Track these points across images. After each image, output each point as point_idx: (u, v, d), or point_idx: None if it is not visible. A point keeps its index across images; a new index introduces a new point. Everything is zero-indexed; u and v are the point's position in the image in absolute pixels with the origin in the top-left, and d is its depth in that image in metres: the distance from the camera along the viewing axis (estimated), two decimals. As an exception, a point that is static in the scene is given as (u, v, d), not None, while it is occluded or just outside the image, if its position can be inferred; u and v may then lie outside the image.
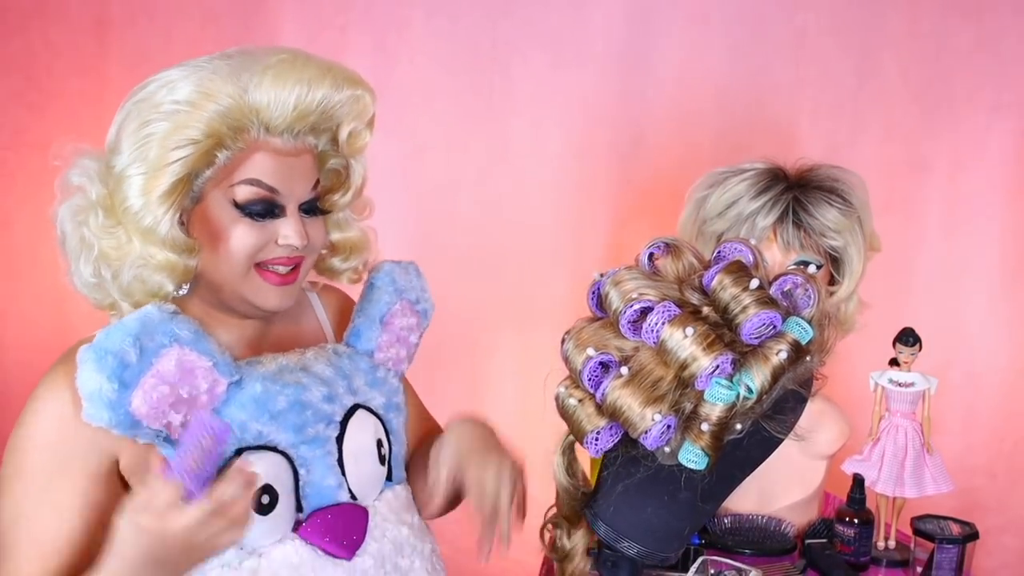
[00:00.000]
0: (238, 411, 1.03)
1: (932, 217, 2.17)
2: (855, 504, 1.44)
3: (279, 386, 1.07)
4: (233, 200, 1.05)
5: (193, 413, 0.99)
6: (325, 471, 1.09)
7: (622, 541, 0.98)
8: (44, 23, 2.27)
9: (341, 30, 2.22)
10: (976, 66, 2.11)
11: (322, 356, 1.15)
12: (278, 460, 1.06)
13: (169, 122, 1.01)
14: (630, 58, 2.20)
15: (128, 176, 1.02)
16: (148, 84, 1.06)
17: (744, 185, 1.48)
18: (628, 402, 0.89)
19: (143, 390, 0.96)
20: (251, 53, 1.06)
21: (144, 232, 1.02)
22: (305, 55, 1.07)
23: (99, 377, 0.93)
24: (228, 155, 1.04)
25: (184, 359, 0.99)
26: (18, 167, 2.32)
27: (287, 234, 1.06)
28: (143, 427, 0.96)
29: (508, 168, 2.26)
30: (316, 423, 1.09)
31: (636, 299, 0.92)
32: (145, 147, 1.01)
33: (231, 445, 1.02)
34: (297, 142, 1.07)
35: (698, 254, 0.99)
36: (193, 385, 1.00)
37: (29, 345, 2.39)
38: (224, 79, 1.02)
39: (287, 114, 1.04)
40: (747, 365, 0.87)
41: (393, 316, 1.23)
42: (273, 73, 1.03)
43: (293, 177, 1.07)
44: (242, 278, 1.07)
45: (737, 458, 0.94)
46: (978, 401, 2.20)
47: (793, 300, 0.92)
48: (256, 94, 1.03)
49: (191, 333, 1.01)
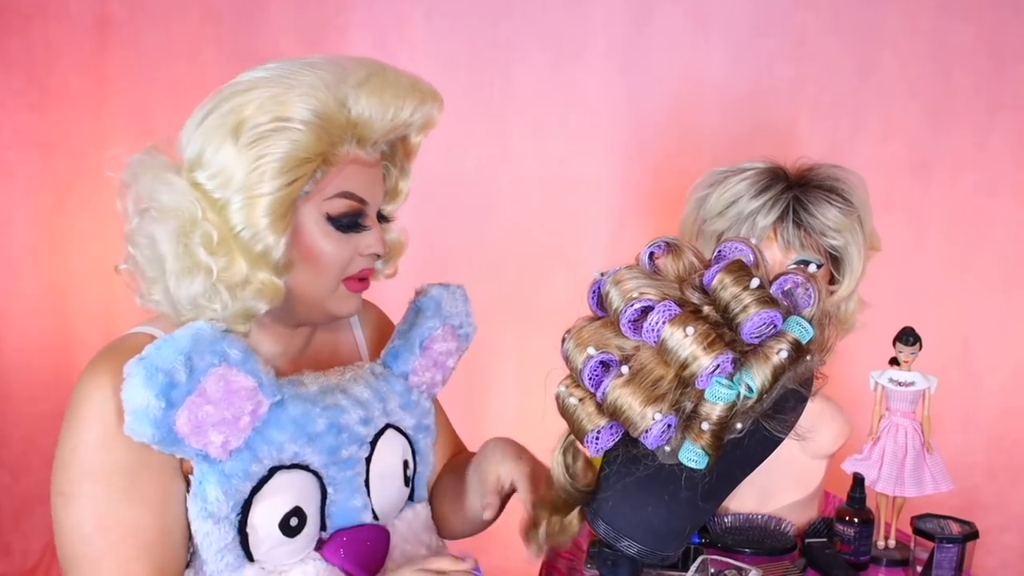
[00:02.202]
0: (277, 432, 1.03)
1: (932, 216, 2.18)
2: (855, 503, 1.44)
3: (319, 408, 1.07)
4: (327, 214, 1.04)
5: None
6: (352, 492, 1.10)
7: (622, 540, 0.98)
8: (44, 22, 2.27)
9: (341, 30, 2.22)
10: (976, 66, 2.11)
11: (361, 377, 1.15)
12: (308, 479, 1.06)
13: (281, 142, 0.98)
14: (630, 57, 2.20)
15: (235, 200, 0.98)
16: (230, 96, 1.01)
17: (744, 184, 1.48)
18: (628, 401, 0.89)
19: (188, 410, 0.94)
20: (336, 63, 1.04)
21: (255, 258, 1.00)
22: (391, 69, 1.07)
23: (147, 394, 0.91)
24: (324, 170, 1.03)
25: (231, 380, 0.98)
26: (18, 167, 2.32)
27: (371, 243, 1.07)
28: (184, 445, 0.95)
29: (508, 167, 2.26)
30: (350, 445, 1.10)
31: (637, 298, 0.91)
32: (259, 171, 0.98)
33: (267, 463, 1.02)
34: (376, 153, 1.09)
35: (699, 253, 0.99)
36: (237, 407, 0.99)
37: (29, 345, 2.40)
38: (326, 94, 1.00)
39: (384, 128, 1.05)
40: (748, 364, 0.87)
41: (433, 341, 1.23)
42: (370, 88, 1.03)
43: (376, 187, 1.09)
44: (332, 293, 1.07)
45: (737, 457, 0.94)
46: (978, 400, 2.20)
47: (794, 299, 0.91)
48: (356, 109, 1.02)
49: (240, 352, 0.99)
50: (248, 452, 1.00)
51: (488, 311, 2.30)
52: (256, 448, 1.01)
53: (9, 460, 2.49)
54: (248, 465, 1.00)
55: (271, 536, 1.02)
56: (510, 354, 2.29)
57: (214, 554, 1.00)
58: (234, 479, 0.99)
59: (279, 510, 1.02)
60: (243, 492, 1.00)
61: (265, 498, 1.02)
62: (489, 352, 2.28)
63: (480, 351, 2.31)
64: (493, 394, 2.27)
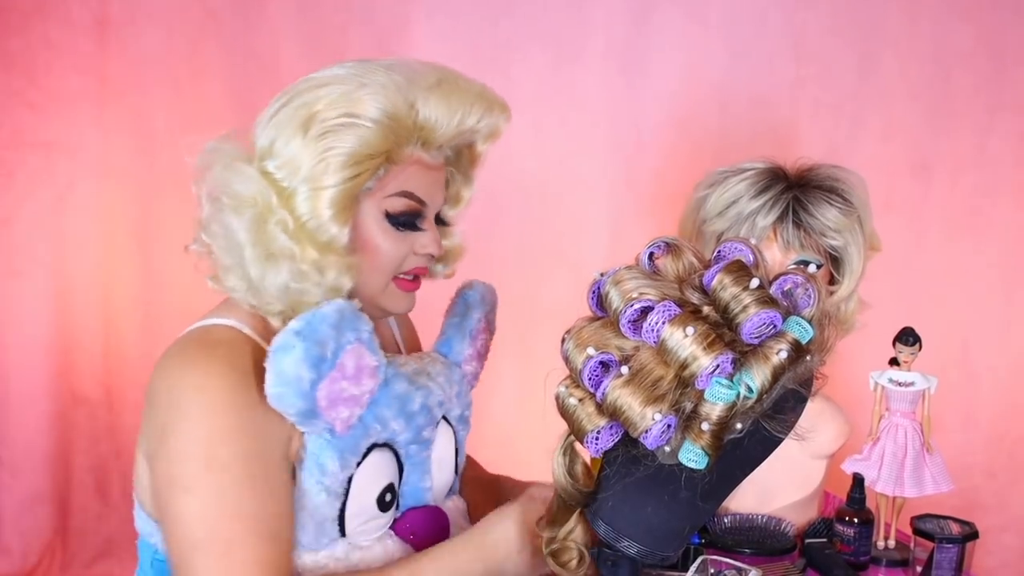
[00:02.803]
0: (385, 409, 1.07)
1: (932, 217, 2.18)
2: (855, 503, 1.44)
3: (415, 388, 1.11)
4: (386, 211, 1.07)
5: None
6: (423, 473, 1.13)
7: (622, 540, 0.98)
8: (44, 23, 2.27)
9: (341, 30, 2.22)
10: (976, 66, 2.11)
11: (436, 362, 1.19)
12: (392, 458, 1.09)
13: (350, 137, 1.01)
14: (630, 57, 2.20)
15: (301, 190, 1.01)
16: (305, 89, 1.04)
17: (744, 184, 1.48)
18: (628, 401, 0.89)
19: (329, 383, 0.98)
20: (409, 66, 1.08)
21: (322, 247, 1.03)
22: (462, 77, 1.10)
23: (303, 366, 0.94)
24: (387, 168, 1.06)
25: (361, 357, 1.02)
26: (18, 166, 2.32)
27: (426, 243, 1.10)
28: (319, 418, 0.99)
29: (508, 167, 2.26)
30: (428, 426, 1.13)
31: (636, 298, 0.91)
32: (323, 163, 1.01)
33: (372, 439, 1.05)
34: (440, 156, 1.11)
35: (698, 253, 0.99)
36: (365, 384, 1.03)
37: (29, 345, 2.40)
38: (397, 94, 1.03)
39: (449, 134, 1.08)
40: (747, 364, 0.87)
41: (479, 332, 1.28)
42: (440, 93, 1.05)
43: (437, 189, 1.12)
44: (383, 288, 1.10)
45: (737, 458, 0.94)
46: (978, 401, 2.20)
47: (793, 299, 0.91)
48: (424, 112, 1.05)
49: (368, 333, 1.04)
50: (361, 427, 1.05)
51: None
52: (368, 424, 1.05)
53: (9, 460, 2.49)
54: (359, 440, 1.05)
55: (366, 511, 1.06)
56: (510, 354, 2.28)
57: (315, 527, 1.03)
58: (347, 453, 1.03)
59: (378, 484, 1.07)
60: (352, 467, 1.04)
61: (366, 473, 1.05)
62: (489, 352, 2.28)
63: (480, 351, 2.32)
64: (493, 394, 2.27)
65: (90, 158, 2.32)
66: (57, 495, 2.50)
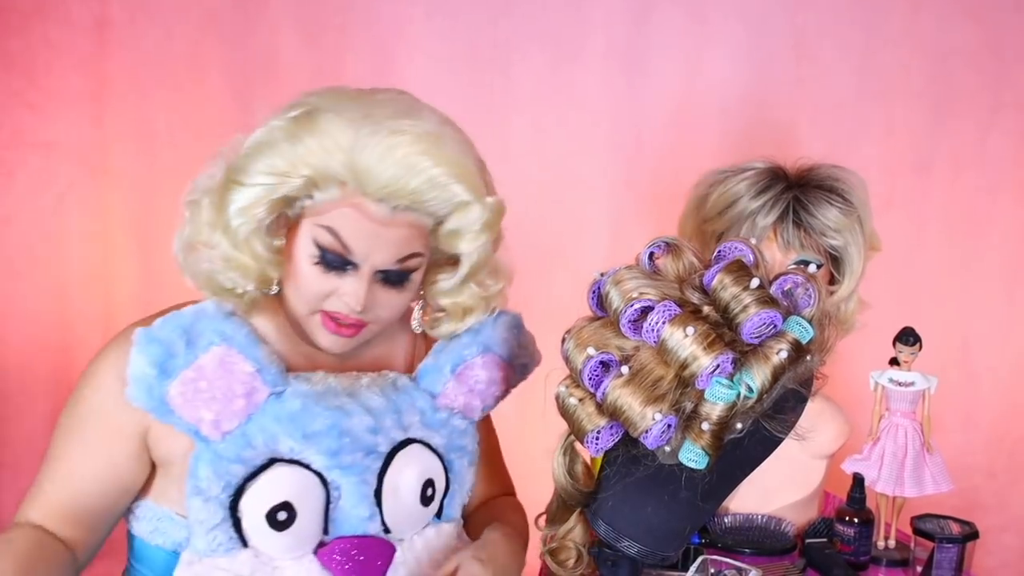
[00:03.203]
0: (272, 423, 1.04)
1: (932, 217, 2.17)
2: (855, 503, 1.44)
3: (320, 407, 1.06)
4: (314, 239, 1.05)
5: None
6: (357, 500, 1.08)
7: (622, 540, 0.98)
8: (44, 23, 2.27)
9: (341, 30, 2.22)
10: (976, 66, 2.11)
11: (377, 385, 1.13)
12: (308, 479, 1.05)
13: (275, 144, 1.02)
14: (630, 57, 2.20)
15: (230, 180, 1.04)
16: (320, 95, 1.06)
17: (744, 184, 1.48)
18: (628, 401, 0.89)
19: (181, 381, 1.00)
20: (398, 104, 1.05)
21: (238, 243, 1.05)
22: (440, 135, 1.05)
23: (144, 361, 0.99)
24: (324, 198, 1.04)
25: (227, 360, 1.02)
26: (18, 167, 2.32)
27: (344, 294, 1.06)
28: (176, 417, 1.01)
29: (508, 168, 2.26)
30: (354, 451, 1.07)
31: (636, 298, 0.92)
32: (248, 157, 1.03)
33: (262, 453, 1.04)
34: (395, 214, 1.04)
35: (698, 253, 0.99)
36: (230, 387, 1.02)
37: (29, 345, 2.39)
38: (346, 124, 1.01)
39: (379, 185, 1.02)
40: (748, 364, 0.87)
41: (470, 368, 1.20)
42: (386, 142, 1.00)
43: (376, 244, 1.04)
44: (306, 316, 1.09)
45: (737, 457, 0.94)
46: (978, 401, 2.20)
47: (793, 299, 0.91)
48: (361, 155, 1.00)
49: (244, 337, 1.04)
50: (241, 437, 1.03)
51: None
52: (250, 435, 1.03)
53: (9, 460, 2.48)
54: (241, 449, 1.03)
55: (258, 526, 1.03)
56: (510, 354, 2.29)
57: (204, 533, 1.03)
58: (225, 460, 1.02)
59: (267, 501, 1.03)
60: (235, 475, 1.03)
61: (256, 485, 1.03)
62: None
63: (480, 351, 2.32)
64: (493, 394, 2.27)
65: (90, 158, 2.32)
66: (57, 495, 2.49)
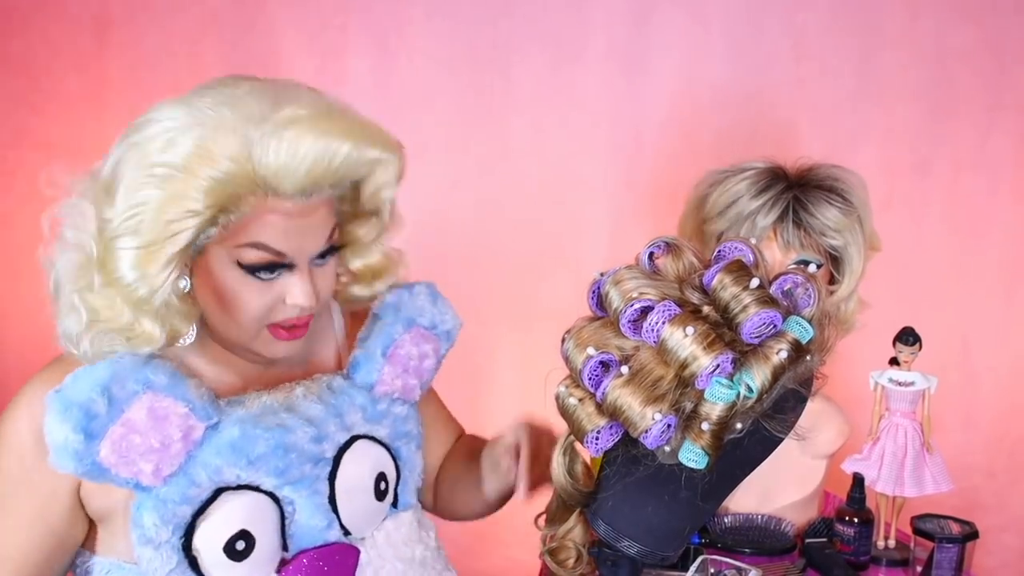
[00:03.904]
0: (213, 456, 0.98)
1: (932, 217, 2.17)
2: (855, 503, 1.44)
3: (260, 430, 1.01)
4: (237, 261, 0.96)
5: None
6: (312, 511, 1.04)
7: (622, 540, 0.98)
8: (44, 22, 2.27)
9: (341, 29, 2.22)
10: (976, 66, 2.11)
11: (312, 393, 1.08)
12: (260, 501, 1.01)
13: (163, 191, 0.90)
14: (630, 58, 2.20)
15: (119, 249, 0.92)
16: (146, 125, 0.94)
17: (744, 184, 1.48)
18: (628, 401, 0.89)
19: (111, 440, 0.91)
20: (263, 94, 0.94)
21: (136, 303, 0.94)
22: (326, 110, 0.95)
23: (64, 428, 0.89)
24: (232, 218, 0.94)
25: (156, 406, 0.94)
26: (18, 166, 2.32)
27: (296, 295, 0.99)
28: (113, 475, 0.93)
29: (508, 168, 2.26)
30: (301, 464, 1.03)
31: (636, 298, 0.92)
32: (137, 218, 0.91)
33: (208, 487, 0.98)
34: (310, 200, 0.97)
35: (698, 253, 0.99)
36: (166, 433, 0.95)
37: (30, 344, 2.39)
38: (229, 135, 0.90)
39: (298, 181, 0.93)
40: (747, 364, 0.87)
41: (399, 347, 1.15)
42: (286, 135, 0.91)
43: (304, 236, 0.98)
44: (253, 337, 1.01)
45: (737, 457, 0.94)
46: (978, 400, 2.20)
47: (793, 299, 0.91)
48: (264, 158, 0.91)
49: (167, 377, 0.95)
50: (184, 477, 0.97)
51: (488, 311, 2.30)
52: (192, 473, 0.97)
53: (9, 460, 2.48)
54: (185, 489, 0.97)
55: (217, 561, 0.98)
56: (510, 354, 2.29)
57: None
58: (170, 504, 0.96)
59: (222, 534, 0.98)
60: (183, 516, 0.97)
61: (208, 521, 0.98)
62: (489, 352, 2.28)
63: (480, 351, 2.32)
64: (493, 394, 2.27)
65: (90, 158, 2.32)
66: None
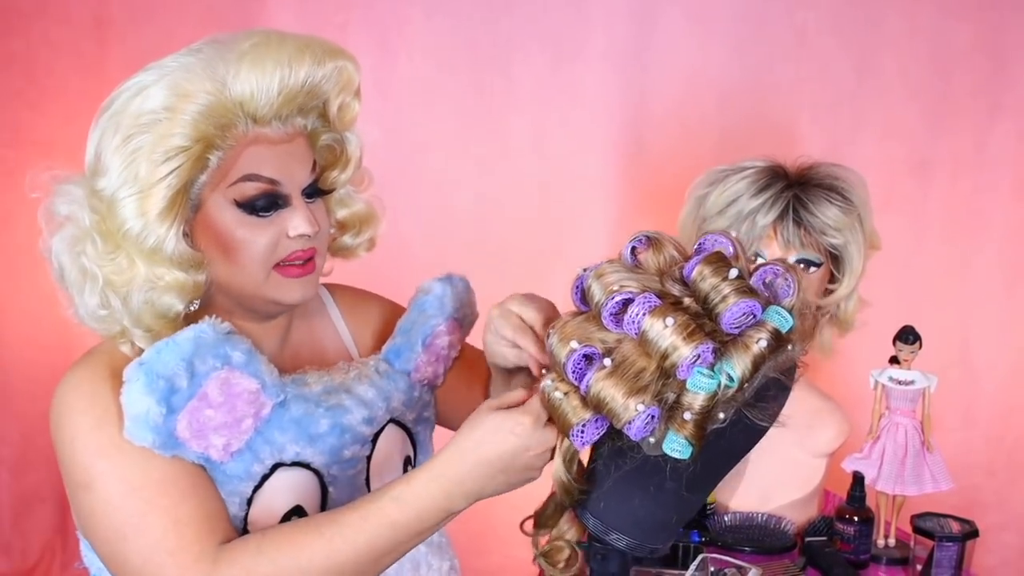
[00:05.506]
0: (279, 433, 1.01)
1: (932, 216, 2.17)
2: (855, 502, 1.44)
3: (322, 409, 1.05)
4: (235, 200, 0.99)
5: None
6: (353, 490, 1.08)
7: (611, 534, 0.98)
8: (45, 22, 2.28)
9: (341, 28, 2.22)
10: (976, 66, 2.11)
11: (366, 376, 1.13)
12: (309, 478, 1.04)
13: (151, 134, 0.95)
14: (631, 57, 2.20)
15: (121, 198, 0.96)
16: (118, 95, 0.98)
17: (744, 183, 1.48)
18: (611, 393, 0.89)
19: (189, 415, 0.94)
20: (220, 42, 1.00)
21: (148, 253, 0.97)
22: (278, 34, 1.00)
23: (148, 400, 0.91)
24: (220, 155, 0.98)
25: (233, 382, 0.97)
26: (18, 166, 2.33)
27: (297, 224, 1.01)
28: (186, 449, 0.95)
29: (508, 167, 2.26)
30: (352, 445, 1.08)
31: (617, 291, 0.92)
32: (133, 165, 0.95)
33: (269, 463, 1.01)
34: (287, 127, 1.02)
35: (679, 247, 0.99)
36: (240, 410, 0.98)
37: (30, 344, 2.40)
38: (199, 75, 0.96)
39: (272, 100, 0.98)
40: (728, 354, 0.87)
41: (437, 337, 1.20)
42: (250, 60, 0.96)
43: (291, 164, 1.02)
44: (263, 282, 1.02)
45: (722, 447, 0.94)
46: (978, 399, 2.20)
47: (773, 289, 0.92)
48: (236, 85, 0.96)
49: (244, 354, 0.98)
50: (249, 453, 1.00)
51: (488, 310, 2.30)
52: (257, 449, 1.00)
53: (9, 460, 2.49)
54: (250, 466, 1.00)
55: None
56: (510, 354, 2.29)
57: None
58: (235, 480, 0.99)
59: (280, 509, 1.02)
60: (245, 492, 1.00)
61: (266, 497, 1.01)
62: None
63: (480, 348, 2.32)
64: (493, 394, 2.27)
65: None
66: (57, 495, 2.50)
